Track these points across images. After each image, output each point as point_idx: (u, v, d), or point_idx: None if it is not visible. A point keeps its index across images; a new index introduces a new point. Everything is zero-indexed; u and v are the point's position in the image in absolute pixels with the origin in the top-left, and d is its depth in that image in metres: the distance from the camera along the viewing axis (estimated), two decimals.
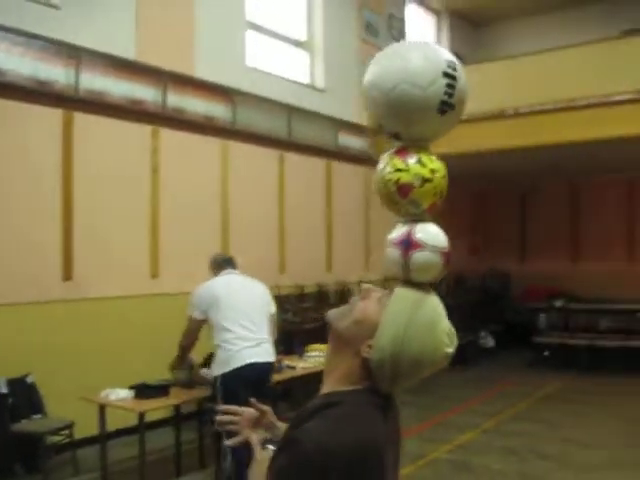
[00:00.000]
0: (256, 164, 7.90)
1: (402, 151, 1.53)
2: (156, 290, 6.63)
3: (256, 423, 1.67)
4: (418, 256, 1.51)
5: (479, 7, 12.25)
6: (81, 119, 5.96)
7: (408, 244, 1.54)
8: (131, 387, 4.67)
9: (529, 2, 11.73)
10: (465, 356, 9.77)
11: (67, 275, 5.85)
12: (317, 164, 8.91)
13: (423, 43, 1.53)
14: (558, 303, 10.66)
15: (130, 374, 5.32)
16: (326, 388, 1.45)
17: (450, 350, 1.41)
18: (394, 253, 1.56)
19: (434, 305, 1.45)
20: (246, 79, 7.70)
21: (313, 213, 8.82)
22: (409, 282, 1.50)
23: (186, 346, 4.64)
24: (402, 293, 1.45)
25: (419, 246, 1.53)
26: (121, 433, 5.40)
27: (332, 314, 1.49)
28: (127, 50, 6.37)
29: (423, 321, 1.40)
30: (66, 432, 5.16)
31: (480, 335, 10.61)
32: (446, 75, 1.44)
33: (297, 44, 8.87)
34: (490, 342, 10.89)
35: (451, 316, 1.48)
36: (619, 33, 9.46)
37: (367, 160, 9.78)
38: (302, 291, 8.35)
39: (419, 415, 7.00)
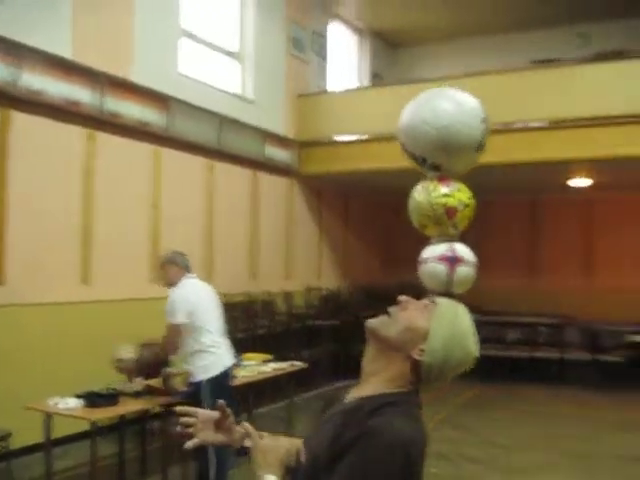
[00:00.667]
0: (187, 172, 7.86)
1: (444, 179, 1.75)
2: (88, 297, 6.46)
3: (217, 425, 1.69)
4: (462, 270, 1.74)
5: (399, 29, 12.69)
6: (19, 118, 5.76)
7: (454, 260, 1.75)
8: (78, 396, 4.55)
9: (448, 26, 12.28)
10: None
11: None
12: (245, 174, 8.96)
13: (460, 91, 1.77)
14: None
15: (65, 382, 5.22)
16: (371, 389, 1.58)
17: (477, 354, 1.61)
18: (439, 267, 1.78)
19: (468, 314, 1.63)
20: (179, 86, 7.66)
21: (239, 223, 8.85)
22: (446, 294, 1.66)
23: (168, 354, 4.61)
24: (446, 303, 1.63)
25: (463, 261, 1.75)
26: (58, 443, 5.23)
27: (376, 323, 1.64)
28: (65, 50, 6.21)
29: (464, 328, 1.60)
30: (1, 443, 4.93)
31: None
32: (483, 121, 1.70)
33: (229, 54, 8.90)
34: None
35: (359, 326, 1.67)
36: (531, 62, 10.13)
37: (291, 172, 9.96)
38: (230, 300, 8.33)
39: None
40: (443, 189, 1.71)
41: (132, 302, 6.93)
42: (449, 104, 1.66)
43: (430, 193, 1.72)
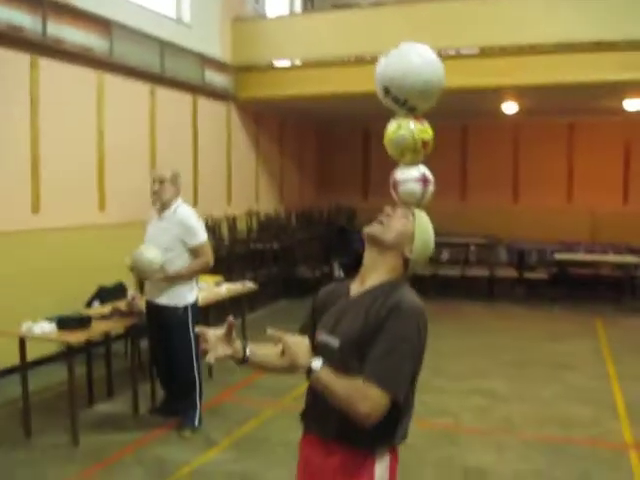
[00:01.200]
0: (130, 98, 7.82)
1: (419, 118, 2.23)
2: (38, 225, 6.50)
3: (225, 339, 1.95)
4: (430, 189, 2.27)
5: None
6: None
7: (426, 181, 2.27)
8: (49, 320, 4.72)
9: None
10: (318, 287, 10.52)
11: None
12: (185, 100, 8.96)
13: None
14: None
15: (17, 310, 5.46)
16: (375, 280, 2.00)
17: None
18: (416, 187, 2.27)
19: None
20: (121, 11, 7.52)
21: (181, 148, 8.90)
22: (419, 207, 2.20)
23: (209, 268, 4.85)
24: (421, 213, 2.09)
25: (431, 182, 2.27)
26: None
27: (375, 230, 2.02)
28: None
29: (431, 231, 2.07)
30: None
31: (333, 267, 11.37)
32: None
33: None
34: (340, 273, 11.72)
35: (303, 249, 2.18)
36: None
37: (228, 97, 9.99)
38: None
39: None
40: (421, 125, 2.19)
41: (82, 229, 7.01)
42: (438, 61, 2.22)
43: (412, 129, 2.17)
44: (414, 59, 2.20)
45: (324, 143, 13.81)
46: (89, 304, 6.51)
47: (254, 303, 8.75)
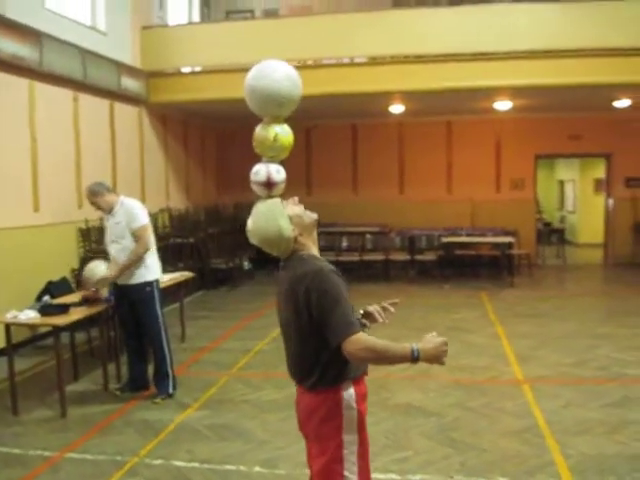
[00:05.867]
0: (57, 104, 8.27)
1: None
2: None
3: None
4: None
5: None
6: None
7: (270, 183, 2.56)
8: (31, 308, 5.27)
9: None
10: (231, 278, 11.33)
11: None
12: (103, 105, 9.46)
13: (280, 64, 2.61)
14: None
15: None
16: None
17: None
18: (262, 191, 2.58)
19: None
20: (48, 21, 7.97)
21: (101, 151, 9.39)
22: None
23: (146, 252, 5.37)
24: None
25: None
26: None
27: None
28: None
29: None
30: None
31: (242, 260, 12.15)
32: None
33: None
34: (247, 265, 12.51)
35: (215, 243, 2.81)
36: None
37: (140, 101, 10.54)
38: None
39: (222, 325, 8.41)
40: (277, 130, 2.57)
41: (18, 230, 7.43)
42: (284, 79, 2.54)
43: (281, 131, 2.57)
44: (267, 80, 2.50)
45: (223, 143, 14.50)
46: (39, 298, 6.97)
47: (175, 295, 9.38)
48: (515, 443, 4.43)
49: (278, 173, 2.55)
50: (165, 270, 8.72)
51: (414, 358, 2.33)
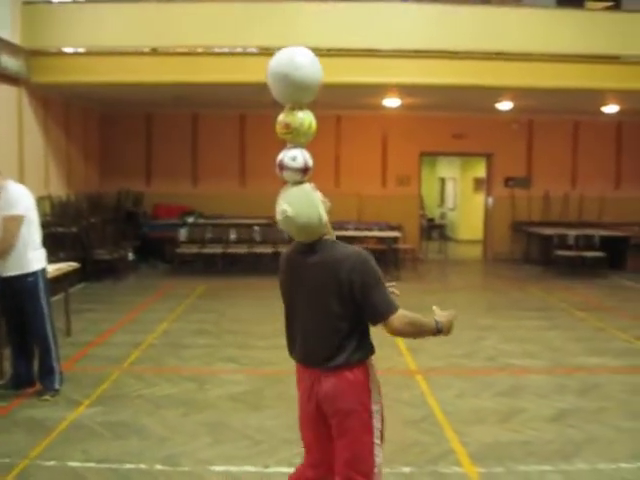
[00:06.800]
0: None
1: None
2: None
3: None
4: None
5: None
6: None
7: (307, 169, 2.65)
8: None
9: None
10: (116, 269, 10.94)
11: None
12: None
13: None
14: (190, 219, 12.48)
15: None
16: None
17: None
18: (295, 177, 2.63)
19: None
20: None
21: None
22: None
23: (11, 247, 4.96)
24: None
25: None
26: None
27: None
28: None
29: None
30: None
31: (127, 250, 11.75)
32: None
33: None
34: (131, 256, 12.11)
35: (97, 233, 2.87)
36: None
37: (20, 81, 9.94)
38: None
39: (109, 318, 8.11)
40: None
41: None
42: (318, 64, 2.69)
43: (309, 116, 2.67)
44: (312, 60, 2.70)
45: (107, 129, 13.94)
46: None
47: (58, 286, 8.94)
48: (414, 433, 4.57)
49: (311, 159, 2.65)
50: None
51: (438, 330, 2.62)
